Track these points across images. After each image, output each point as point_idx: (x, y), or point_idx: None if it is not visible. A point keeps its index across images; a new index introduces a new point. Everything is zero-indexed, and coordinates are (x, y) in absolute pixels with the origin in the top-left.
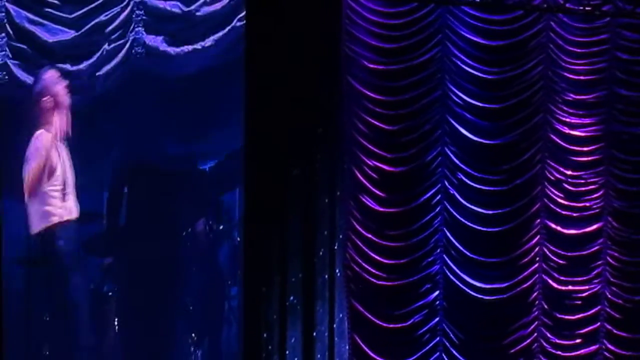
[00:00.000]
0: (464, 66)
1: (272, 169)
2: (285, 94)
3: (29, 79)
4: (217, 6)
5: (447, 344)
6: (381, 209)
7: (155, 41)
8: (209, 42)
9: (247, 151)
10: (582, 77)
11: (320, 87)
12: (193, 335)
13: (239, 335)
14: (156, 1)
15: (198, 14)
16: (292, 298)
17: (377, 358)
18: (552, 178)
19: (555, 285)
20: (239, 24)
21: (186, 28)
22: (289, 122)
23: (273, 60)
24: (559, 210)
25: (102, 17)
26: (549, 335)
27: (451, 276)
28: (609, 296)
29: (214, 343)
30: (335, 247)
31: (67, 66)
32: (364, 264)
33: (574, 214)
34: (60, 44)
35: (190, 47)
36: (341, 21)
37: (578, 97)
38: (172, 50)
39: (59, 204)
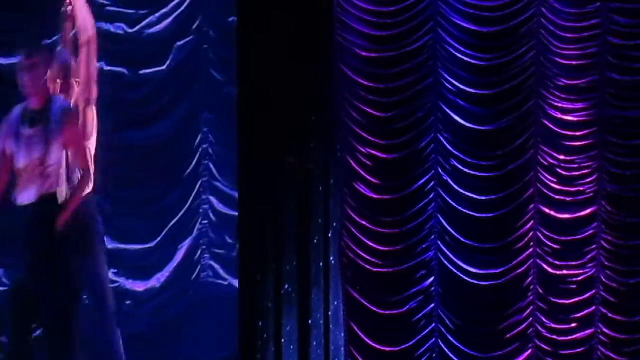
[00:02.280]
0: (456, 53)
1: (266, 157)
2: (279, 83)
3: None
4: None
5: (442, 329)
6: (375, 196)
7: None
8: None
9: (241, 140)
10: (573, 62)
11: (314, 76)
12: None
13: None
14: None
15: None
16: (287, 286)
17: (373, 344)
18: (545, 163)
19: (550, 269)
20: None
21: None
22: (282, 111)
23: (266, 50)
24: (553, 195)
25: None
26: (544, 319)
27: (446, 262)
28: (604, 280)
29: None
30: (330, 235)
31: None
32: (359, 251)
33: (568, 199)
34: None
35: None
36: (333, 10)
37: (570, 82)
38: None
39: None
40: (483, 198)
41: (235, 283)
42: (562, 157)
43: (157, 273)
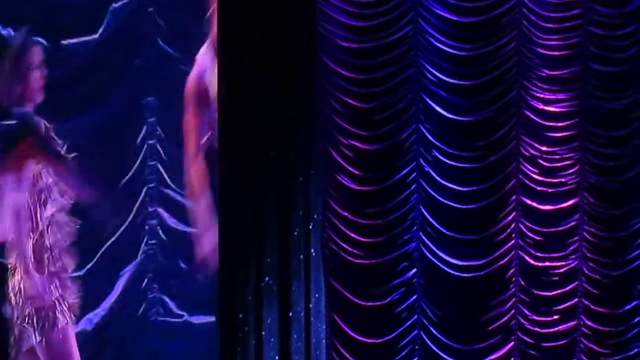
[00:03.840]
0: (437, 43)
1: (246, 149)
2: (259, 74)
3: None
4: None
5: (425, 321)
6: (357, 187)
7: None
8: None
9: (221, 131)
10: (556, 53)
11: (294, 66)
12: None
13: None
14: None
15: None
16: (267, 279)
17: (356, 336)
18: (527, 154)
19: (532, 261)
20: None
21: None
22: (262, 102)
23: (246, 40)
24: (535, 187)
25: None
26: (526, 311)
27: (428, 254)
28: (586, 272)
29: None
30: (311, 227)
31: None
32: (341, 243)
33: (550, 190)
34: None
35: None
36: (314, 0)
37: (552, 72)
38: None
39: None
40: (465, 189)
41: (194, 320)
42: (544, 148)
43: (88, 312)
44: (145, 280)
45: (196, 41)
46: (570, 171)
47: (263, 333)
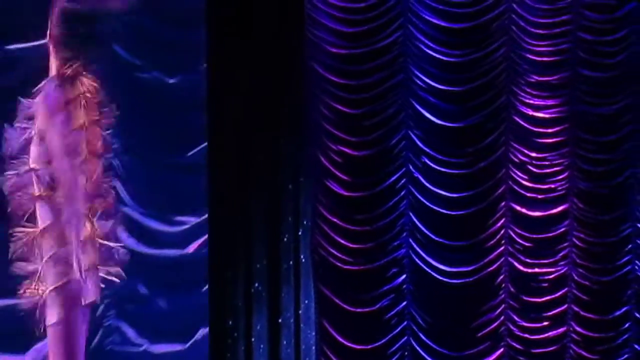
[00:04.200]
0: (426, 49)
1: (235, 155)
2: (248, 80)
3: None
4: None
5: (414, 327)
6: (346, 193)
7: None
8: None
9: (210, 138)
10: (545, 59)
11: (283, 72)
12: None
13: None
14: None
15: None
16: (257, 285)
17: (346, 343)
18: (517, 160)
19: (521, 267)
20: None
21: None
22: (252, 108)
23: (235, 46)
24: (524, 193)
25: None
26: (516, 318)
27: (417, 260)
28: (576, 278)
29: None
30: (300, 233)
31: None
32: (330, 249)
33: (539, 196)
34: None
35: None
36: (303, 6)
37: (541, 78)
38: None
39: None
40: (454, 195)
41: (155, 349)
42: (533, 154)
43: (36, 342)
44: (101, 306)
45: (159, 45)
46: (560, 177)
47: (252, 339)
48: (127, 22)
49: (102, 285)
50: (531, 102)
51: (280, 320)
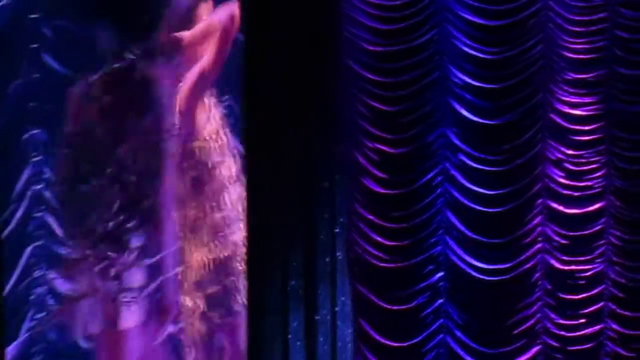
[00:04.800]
0: (463, 47)
1: (272, 153)
2: (284, 79)
3: None
4: None
5: (450, 325)
6: (383, 191)
7: None
8: None
9: (247, 136)
10: (581, 56)
11: (319, 70)
12: None
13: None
14: None
15: None
16: (293, 282)
17: (382, 340)
18: (553, 157)
19: (557, 265)
20: None
21: None
22: (288, 107)
23: (271, 45)
24: (561, 190)
25: None
26: (552, 315)
27: (453, 257)
28: (612, 275)
29: None
30: (337, 230)
31: None
32: (366, 246)
33: (576, 194)
34: None
35: None
36: (339, 4)
37: (578, 76)
38: None
39: None
40: (491, 192)
41: None
42: (570, 152)
43: None
44: None
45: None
46: (596, 175)
47: (289, 336)
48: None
49: None
50: (567, 99)
51: (317, 318)
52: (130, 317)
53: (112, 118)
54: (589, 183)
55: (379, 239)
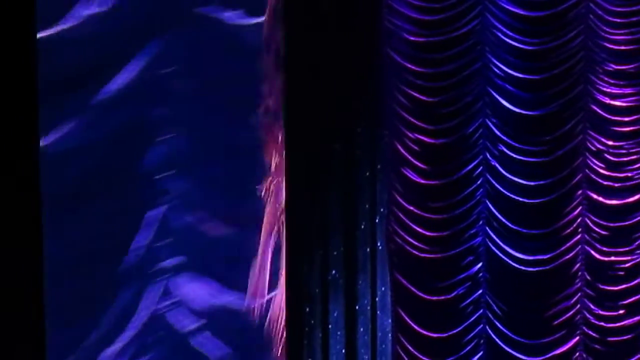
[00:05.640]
0: (504, 37)
1: (313, 143)
2: (326, 68)
3: None
4: None
5: (490, 316)
6: (423, 181)
7: None
8: None
9: (288, 126)
10: (622, 47)
11: (361, 61)
12: None
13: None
14: None
15: None
16: (334, 272)
17: (421, 331)
18: (594, 149)
19: (597, 256)
20: None
21: None
22: (329, 96)
23: (313, 35)
24: (601, 181)
25: None
26: (592, 306)
27: (493, 248)
28: None
29: None
30: (377, 221)
31: None
32: (406, 237)
33: (616, 185)
34: None
35: None
36: None
37: (618, 67)
38: None
39: None
40: (531, 183)
41: None
42: (610, 143)
43: None
44: None
45: None
46: (637, 166)
47: (329, 326)
48: None
49: None
50: (608, 90)
51: (357, 307)
52: None
53: None
54: (630, 174)
55: (419, 229)
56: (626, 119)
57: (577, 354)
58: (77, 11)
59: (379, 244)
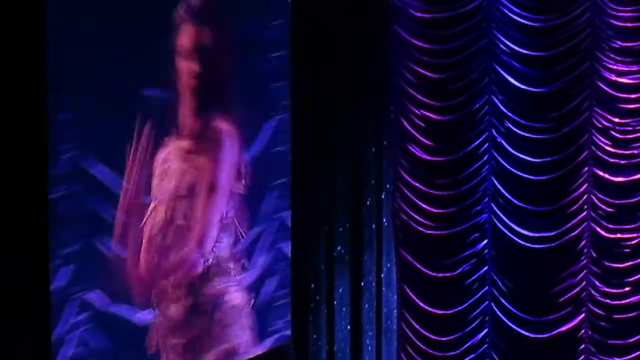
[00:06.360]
0: (510, 14)
1: (318, 119)
2: (332, 44)
3: None
4: None
5: (495, 292)
6: (429, 158)
7: None
8: None
9: (293, 101)
10: (629, 24)
11: (367, 36)
12: None
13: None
14: None
15: None
16: (339, 248)
17: (426, 307)
18: (600, 125)
19: (603, 233)
20: None
21: None
22: (335, 72)
23: (320, 11)
24: (607, 158)
25: None
26: (597, 283)
27: (499, 225)
28: None
29: None
30: (383, 197)
31: None
32: (412, 213)
33: (622, 162)
34: None
35: None
36: None
37: (625, 44)
38: None
39: None
40: (537, 160)
41: None
42: (616, 120)
43: None
44: None
45: None
46: None
47: (335, 302)
48: None
49: None
50: (615, 67)
51: (362, 284)
52: None
53: None
54: (636, 151)
55: (424, 206)
56: (632, 96)
57: (583, 331)
58: None
59: (384, 221)
